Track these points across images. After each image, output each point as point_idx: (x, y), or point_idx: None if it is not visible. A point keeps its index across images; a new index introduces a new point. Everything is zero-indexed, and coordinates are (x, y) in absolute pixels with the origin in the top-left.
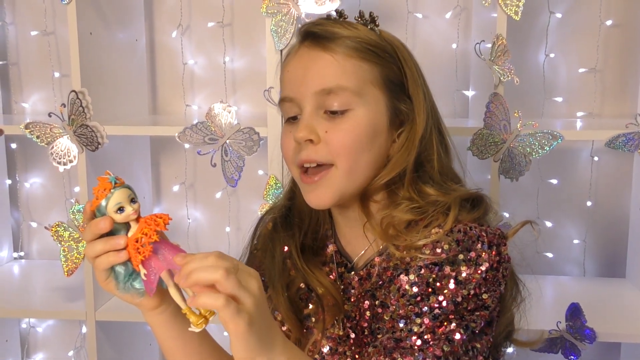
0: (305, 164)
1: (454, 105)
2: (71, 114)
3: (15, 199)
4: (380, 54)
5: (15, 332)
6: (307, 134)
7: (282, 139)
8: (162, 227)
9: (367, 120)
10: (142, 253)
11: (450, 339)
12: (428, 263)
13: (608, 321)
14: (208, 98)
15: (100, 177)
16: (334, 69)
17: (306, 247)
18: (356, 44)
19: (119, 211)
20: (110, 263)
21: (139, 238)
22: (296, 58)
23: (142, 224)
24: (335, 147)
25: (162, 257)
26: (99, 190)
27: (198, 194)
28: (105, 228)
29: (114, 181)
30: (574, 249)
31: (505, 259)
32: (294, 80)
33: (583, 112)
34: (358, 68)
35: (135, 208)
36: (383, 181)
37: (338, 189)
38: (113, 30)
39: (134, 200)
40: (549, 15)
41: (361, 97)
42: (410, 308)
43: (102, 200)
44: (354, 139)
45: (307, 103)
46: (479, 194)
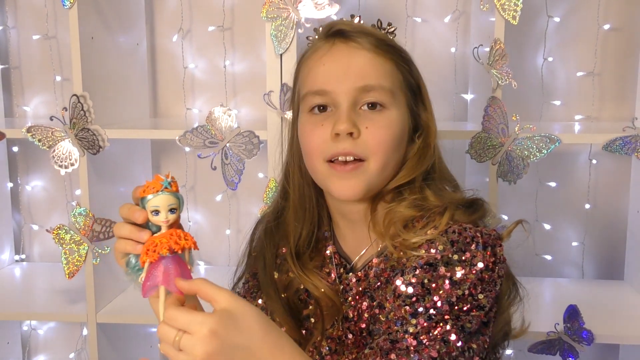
0: (340, 156)
1: (452, 109)
2: (73, 118)
3: (16, 202)
4: (405, 58)
5: (17, 334)
6: (350, 126)
7: (308, 131)
8: (178, 248)
9: (399, 120)
10: (149, 256)
11: (445, 340)
12: (423, 264)
13: (606, 323)
14: (208, 102)
15: (157, 176)
16: (375, 66)
17: (301, 250)
18: (386, 45)
19: (154, 213)
20: (125, 250)
21: (156, 243)
22: (333, 53)
23: (168, 233)
24: (373, 143)
25: (165, 272)
26: (150, 186)
27: (198, 196)
28: (138, 219)
29: (166, 185)
30: (572, 252)
31: (501, 259)
32: (331, 74)
33: (581, 116)
34: (392, 70)
35: (169, 218)
36: (400, 183)
37: (370, 182)
38: (114, 35)
39: (173, 210)
40: (547, 19)
41: (394, 97)
42: (405, 309)
43: (148, 195)
44: (391, 137)
45: (346, 98)
46: (475, 198)
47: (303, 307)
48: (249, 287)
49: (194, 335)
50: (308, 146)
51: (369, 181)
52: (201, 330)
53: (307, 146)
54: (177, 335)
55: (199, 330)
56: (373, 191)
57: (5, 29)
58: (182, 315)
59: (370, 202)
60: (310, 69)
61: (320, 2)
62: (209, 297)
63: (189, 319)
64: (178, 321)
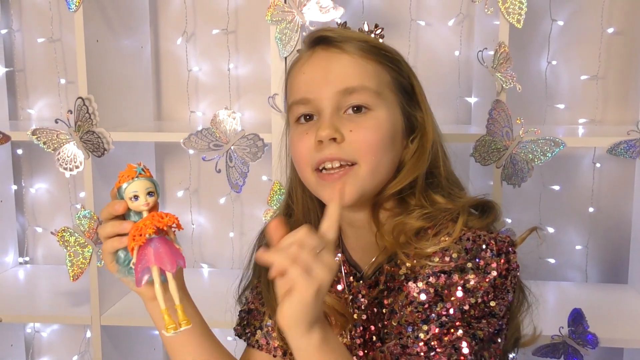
0: (327, 162)
1: (456, 112)
2: (77, 120)
3: (20, 205)
4: (392, 58)
5: (20, 336)
6: (332, 132)
7: (295, 141)
8: (162, 224)
9: (388, 121)
10: (136, 241)
11: (456, 347)
12: (437, 271)
13: (610, 327)
14: (212, 105)
15: (129, 164)
16: (357, 69)
17: None
18: (370, 47)
19: (133, 198)
20: (114, 247)
21: (139, 227)
22: (312, 60)
23: (149, 216)
24: (360, 145)
25: (155, 253)
26: (123, 174)
27: (202, 199)
28: (119, 211)
29: (139, 171)
30: (576, 255)
31: (514, 267)
32: (311, 81)
33: (585, 119)
34: (377, 70)
35: (148, 200)
36: (398, 188)
37: (361, 186)
38: (119, 38)
39: (151, 194)
40: (551, 23)
41: (381, 98)
42: (417, 315)
43: (123, 184)
44: (378, 138)
45: (328, 103)
46: (487, 200)
47: None
48: (258, 293)
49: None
50: (296, 156)
51: (361, 185)
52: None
53: (295, 156)
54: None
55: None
56: (366, 196)
57: (10, 31)
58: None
59: (370, 210)
60: (293, 79)
61: (325, 5)
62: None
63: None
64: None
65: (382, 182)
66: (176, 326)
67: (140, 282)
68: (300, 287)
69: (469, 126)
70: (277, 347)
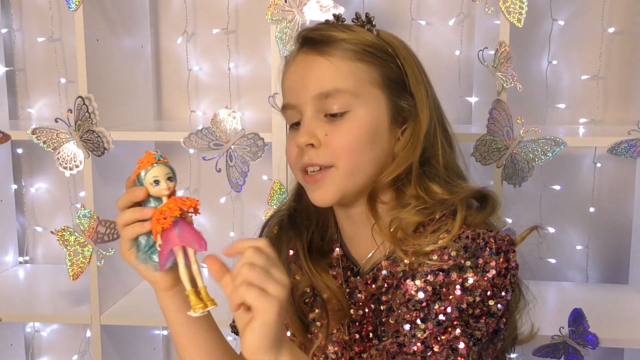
0: (308, 167)
1: (457, 112)
2: (77, 120)
3: (20, 204)
4: (378, 53)
5: (20, 336)
6: (307, 138)
7: (287, 146)
8: (186, 207)
9: (367, 120)
10: (162, 224)
11: (453, 347)
12: (435, 269)
13: (611, 327)
14: (213, 104)
15: (148, 152)
16: (331, 72)
17: (314, 248)
18: (352, 45)
19: (154, 184)
20: (136, 233)
21: (164, 210)
22: (294, 65)
23: (172, 200)
24: (335, 148)
25: (180, 234)
26: (143, 161)
27: (202, 199)
28: (140, 196)
29: (158, 157)
30: (576, 255)
31: (514, 266)
32: (293, 86)
33: (585, 119)
34: (355, 69)
35: (169, 185)
36: (389, 178)
37: (339, 188)
38: (119, 37)
39: (171, 179)
40: (552, 23)
41: (359, 97)
42: (415, 313)
43: (142, 171)
44: (354, 140)
45: (307, 108)
46: (485, 191)
47: (309, 311)
48: None
49: (277, 274)
50: (289, 161)
51: (338, 186)
52: (284, 277)
53: (288, 161)
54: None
55: (283, 277)
56: (350, 195)
57: (10, 31)
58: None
59: (367, 203)
60: (282, 82)
61: (325, 5)
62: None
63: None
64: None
65: (368, 180)
66: (203, 305)
67: (164, 266)
68: (261, 309)
69: (470, 126)
70: None
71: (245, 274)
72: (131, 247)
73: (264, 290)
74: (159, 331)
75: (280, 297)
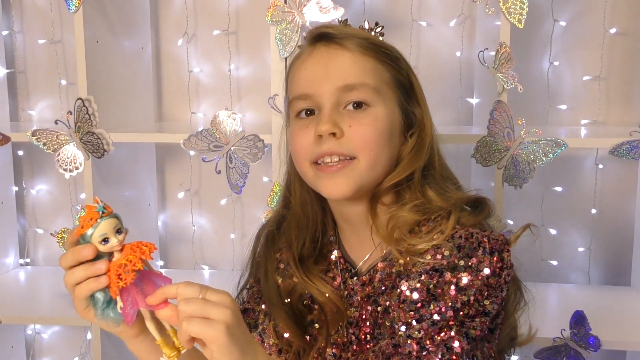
0: (326, 157)
1: (458, 113)
2: (77, 122)
3: (21, 206)
4: (392, 56)
5: (21, 338)
6: (331, 127)
7: (295, 135)
8: (147, 255)
9: (386, 116)
10: (124, 279)
11: (449, 347)
12: (429, 269)
13: (613, 329)
14: (213, 105)
15: (88, 206)
16: (357, 65)
17: (305, 256)
18: (370, 44)
19: (103, 242)
20: (91, 290)
21: (122, 264)
22: (314, 56)
23: (128, 250)
24: (359, 140)
25: (143, 290)
26: (85, 219)
27: (203, 200)
28: (88, 256)
29: (101, 210)
30: (578, 257)
31: (508, 265)
32: (312, 77)
33: (587, 120)
34: (376, 67)
35: (120, 239)
36: (394, 181)
37: (359, 180)
38: (119, 39)
39: (120, 231)
40: (553, 24)
41: (380, 95)
42: (410, 314)
43: (88, 230)
44: (377, 134)
45: (328, 99)
46: (479, 197)
47: (307, 312)
48: (253, 293)
49: (214, 295)
50: (294, 149)
51: (359, 178)
52: (224, 296)
53: (293, 149)
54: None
55: (222, 297)
56: (364, 190)
57: (11, 33)
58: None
59: (368, 203)
60: (294, 75)
61: (325, 6)
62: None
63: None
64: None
65: (380, 176)
66: (177, 353)
67: (131, 321)
68: (210, 337)
69: (471, 127)
70: (272, 345)
71: (184, 310)
72: (87, 305)
73: (207, 318)
74: None
75: (224, 319)
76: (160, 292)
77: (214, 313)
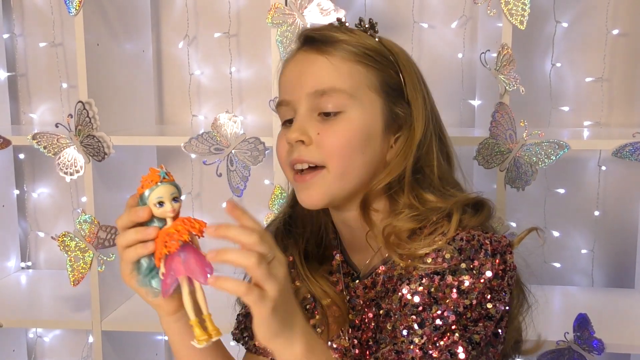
0: (296, 164)
1: (459, 115)
2: (78, 125)
3: (22, 209)
4: (378, 58)
5: (22, 341)
6: (298, 135)
7: (277, 142)
8: (196, 230)
9: (360, 122)
10: (168, 247)
11: (452, 352)
12: (430, 272)
13: (617, 332)
14: (214, 108)
15: (152, 169)
16: (329, 70)
17: (310, 255)
18: (353, 47)
19: (158, 205)
20: (138, 255)
21: (170, 233)
22: (292, 62)
23: (179, 221)
24: (327, 148)
25: (185, 262)
26: (146, 180)
27: (204, 203)
28: (143, 217)
29: (163, 175)
30: (581, 259)
31: (511, 267)
32: (289, 83)
33: (590, 122)
34: (354, 71)
35: (174, 207)
36: (380, 186)
37: (329, 190)
38: (120, 41)
39: (176, 200)
40: (555, 25)
41: (355, 99)
42: (412, 318)
43: (146, 190)
44: (346, 141)
45: (301, 105)
46: (480, 198)
47: (309, 317)
48: None
49: (274, 268)
50: (278, 157)
51: (328, 188)
52: (280, 269)
53: (278, 157)
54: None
55: (279, 267)
56: (340, 197)
57: (12, 36)
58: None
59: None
60: (279, 79)
61: (326, 8)
62: (266, 251)
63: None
64: (260, 246)
65: (358, 184)
66: (207, 337)
67: (167, 294)
68: (256, 308)
69: (473, 129)
70: None
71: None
72: (132, 270)
73: (262, 288)
74: (160, 336)
75: (273, 296)
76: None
77: (269, 287)
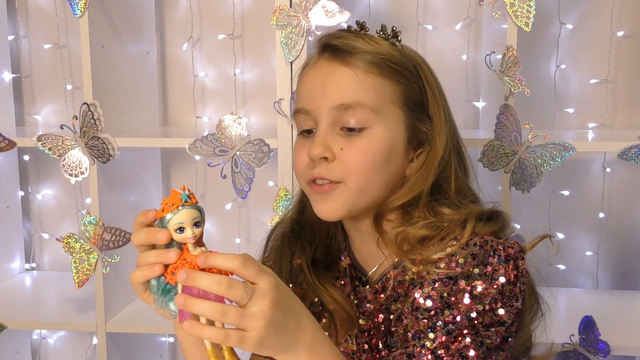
0: (317, 180)
1: (464, 117)
2: (83, 126)
3: (27, 211)
4: (402, 71)
5: (27, 343)
6: (322, 151)
7: (295, 152)
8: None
9: (384, 139)
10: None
11: (464, 356)
12: (443, 277)
13: (622, 334)
14: (218, 110)
15: (174, 191)
16: (354, 84)
17: (317, 261)
18: (377, 59)
19: (178, 231)
20: (145, 277)
21: (194, 264)
22: (315, 70)
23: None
24: (348, 165)
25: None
26: (167, 203)
27: (208, 205)
28: (162, 240)
29: (185, 198)
30: (586, 261)
31: (523, 273)
32: (311, 92)
33: (595, 123)
34: (378, 85)
35: (196, 233)
36: (399, 203)
37: (348, 203)
38: (125, 43)
39: (198, 224)
40: (560, 27)
41: (379, 114)
42: (424, 322)
43: (167, 214)
44: (369, 159)
45: (324, 118)
46: (495, 210)
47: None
48: None
49: (254, 305)
50: (294, 167)
51: (347, 202)
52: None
53: (294, 166)
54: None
55: (259, 302)
56: (357, 210)
57: (16, 38)
58: (239, 286)
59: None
60: (298, 85)
61: (331, 10)
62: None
63: (247, 289)
64: (238, 292)
65: (376, 199)
66: None
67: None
68: (241, 348)
69: (477, 131)
70: None
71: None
72: (145, 289)
73: (242, 327)
74: (165, 338)
75: (256, 335)
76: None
77: (248, 324)
